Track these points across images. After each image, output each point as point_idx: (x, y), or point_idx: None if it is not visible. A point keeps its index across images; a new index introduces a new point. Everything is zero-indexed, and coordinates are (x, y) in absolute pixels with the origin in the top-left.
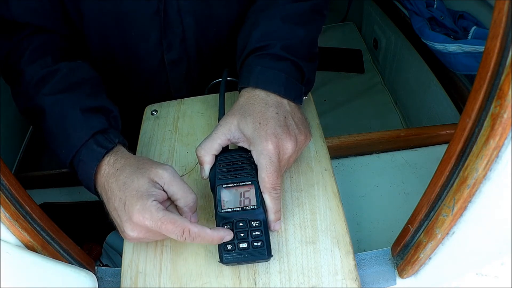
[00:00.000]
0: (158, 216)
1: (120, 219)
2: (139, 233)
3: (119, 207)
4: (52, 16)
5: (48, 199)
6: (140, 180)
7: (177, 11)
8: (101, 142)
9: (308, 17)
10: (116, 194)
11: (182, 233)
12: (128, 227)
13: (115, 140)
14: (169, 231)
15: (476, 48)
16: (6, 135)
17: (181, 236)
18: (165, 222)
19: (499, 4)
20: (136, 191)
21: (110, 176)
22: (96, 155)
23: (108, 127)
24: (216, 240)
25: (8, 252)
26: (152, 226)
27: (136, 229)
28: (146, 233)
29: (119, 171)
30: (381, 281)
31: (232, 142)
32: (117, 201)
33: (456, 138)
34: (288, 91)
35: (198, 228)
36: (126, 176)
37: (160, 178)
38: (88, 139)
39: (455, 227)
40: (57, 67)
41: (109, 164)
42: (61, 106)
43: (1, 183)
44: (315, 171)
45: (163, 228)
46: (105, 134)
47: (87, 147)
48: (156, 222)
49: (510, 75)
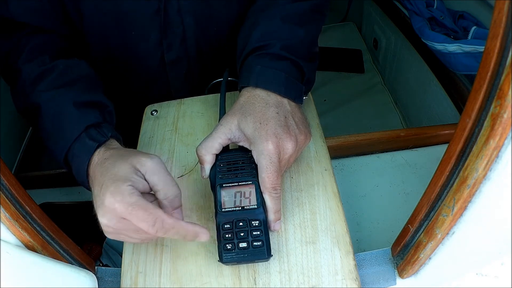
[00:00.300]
0: (130, 200)
1: (96, 205)
2: (110, 220)
3: (96, 191)
4: (52, 16)
5: (48, 199)
6: (121, 166)
7: (177, 11)
8: (94, 136)
9: (308, 17)
10: (97, 179)
11: (154, 222)
12: (100, 212)
13: (107, 134)
14: (140, 218)
15: (476, 48)
16: (6, 135)
17: (152, 226)
18: (136, 208)
19: (499, 4)
20: (114, 175)
21: (97, 165)
22: (88, 148)
23: (102, 121)
24: (190, 236)
25: (8, 252)
26: (121, 211)
27: (106, 215)
28: (116, 222)
29: (107, 159)
30: (381, 281)
31: (233, 141)
32: (96, 187)
33: (456, 138)
34: (288, 90)
35: (172, 220)
36: (110, 162)
37: (142, 165)
38: (81, 133)
39: (455, 227)
40: (54, 64)
41: (99, 155)
42: (56, 102)
43: (1, 183)
44: (315, 171)
45: (133, 214)
46: (98, 128)
47: (79, 141)
48: (127, 207)
49: (510, 75)
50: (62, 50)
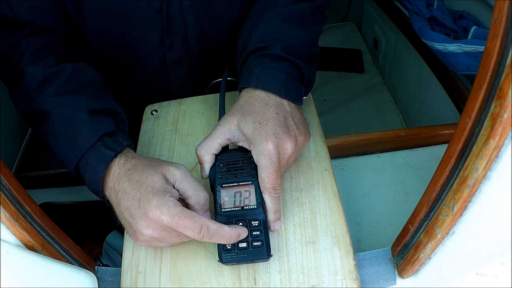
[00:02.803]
0: (176, 211)
1: (133, 218)
2: (154, 231)
3: (133, 205)
4: (53, 15)
5: (48, 199)
6: (154, 177)
7: (179, 10)
8: (110, 145)
9: (309, 18)
10: (129, 192)
11: (200, 229)
12: (142, 224)
13: (123, 143)
14: (187, 227)
15: (476, 48)
16: (6, 135)
17: (198, 233)
18: (183, 218)
19: (499, 4)
20: (151, 187)
21: (121, 176)
22: (105, 158)
23: (116, 130)
24: (233, 238)
25: (8, 252)
26: (169, 221)
27: (151, 226)
28: (161, 231)
29: (131, 170)
30: (381, 281)
31: (232, 141)
32: (130, 199)
33: (456, 138)
34: (288, 91)
35: (217, 225)
36: (139, 174)
37: (172, 175)
38: (96, 141)
39: (455, 227)
40: (61, 68)
41: (119, 165)
42: (67, 108)
43: (1, 183)
44: (315, 171)
45: (180, 223)
46: (114, 137)
47: (95, 150)
48: (173, 217)
49: (510, 75)
50: (65, 50)
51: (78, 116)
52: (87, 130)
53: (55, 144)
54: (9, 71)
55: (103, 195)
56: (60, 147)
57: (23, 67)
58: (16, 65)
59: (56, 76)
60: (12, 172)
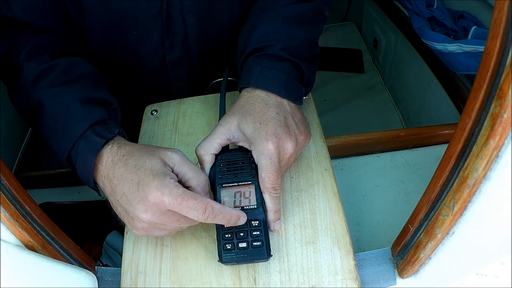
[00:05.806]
0: (178, 192)
1: (130, 203)
2: (153, 215)
3: (130, 190)
4: (53, 15)
5: (48, 199)
6: (152, 160)
7: (180, 11)
8: (100, 132)
9: (309, 19)
10: (125, 178)
11: (205, 209)
12: (141, 208)
13: (114, 131)
14: (191, 207)
15: (476, 48)
16: (6, 135)
17: (203, 213)
18: (186, 198)
19: (499, 4)
20: (150, 170)
21: (116, 163)
22: (95, 145)
23: (107, 118)
24: (234, 219)
25: (8, 252)
26: (171, 202)
27: (150, 210)
28: (160, 215)
29: (126, 156)
30: (381, 281)
31: (232, 141)
32: (127, 184)
33: (456, 138)
34: (288, 92)
35: (220, 206)
36: (136, 159)
37: (170, 159)
38: (86, 129)
39: (455, 227)
40: (56, 62)
41: (112, 152)
42: (59, 99)
43: (1, 183)
44: (315, 171)
45: (183, 204)
46: (104, 125)
47: (85, 138)
48: (176, 198)
49: (510, 75)
50: (62, 49)
51: (70, 105)
52: (78, 119)
53: (48, 135)
54: (9, 70)
55: (96, 185)
56: (54, 137)
57: (21, 63)
58: (15, 63)
59: (52, 69)
60: (12, 172)
